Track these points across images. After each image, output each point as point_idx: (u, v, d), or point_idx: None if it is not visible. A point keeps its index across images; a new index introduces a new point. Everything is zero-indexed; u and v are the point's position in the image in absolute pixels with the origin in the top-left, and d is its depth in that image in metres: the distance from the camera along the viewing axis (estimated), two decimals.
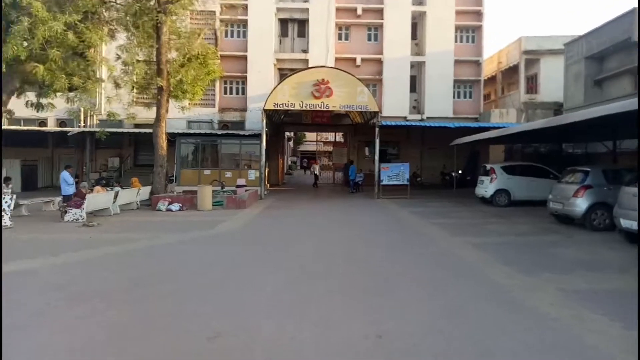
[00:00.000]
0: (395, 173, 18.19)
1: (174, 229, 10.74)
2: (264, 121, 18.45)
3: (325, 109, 18.55)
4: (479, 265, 6.85)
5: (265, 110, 18.26)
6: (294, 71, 20.49)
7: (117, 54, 14.99)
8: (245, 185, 17.72)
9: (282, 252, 8.03)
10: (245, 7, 24.99)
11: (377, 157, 18.76)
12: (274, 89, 18.00)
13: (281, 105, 17.89)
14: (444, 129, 21.72)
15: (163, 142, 16.04)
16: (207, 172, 21.58)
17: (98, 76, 14.61)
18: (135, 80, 14.77)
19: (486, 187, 15.49)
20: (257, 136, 19.28)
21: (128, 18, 13.83)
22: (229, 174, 21.40)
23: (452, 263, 7.12)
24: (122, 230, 10.64)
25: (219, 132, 22.34)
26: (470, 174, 24.84)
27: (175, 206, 14.63)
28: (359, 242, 9.03)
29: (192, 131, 23.46)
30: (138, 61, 14.97)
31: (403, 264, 7.09)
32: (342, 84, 17.83)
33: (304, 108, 18.36)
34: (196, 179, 21.22)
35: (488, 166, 16.00)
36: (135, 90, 15.43)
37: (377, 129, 18.60)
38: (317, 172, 28.83)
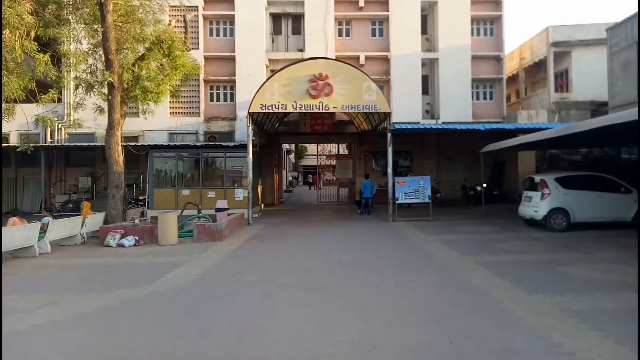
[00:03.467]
0: (413, 189, 14.46)
1: (98, 283, 7.17)
2: (250, 128, 14.92)
3: (324, 111, 14.94)
4: None
5: (250, 114, 14.77)
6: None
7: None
8: (227, 209, 14.16)
9: (230, 348, 4.41)
10: (232, 1, 21.82)
11: (390, 170, 15.09)
12: (261, 87, 14.46)
13: (270, 107, 14.36)
14: (463, 135, 18.21)
15: (119, 155, 12.63)
16: (185, 192, 18.05)
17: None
18: (77, 76, 11.31)
19: (536, 205, 11.82)
20: (245, 147, 15.79)
21: None
22: (211, 194, 17.88)
23: None
24: (19, 287, 7.07)
25: (199, 144, 18.84)
26: (496, 187, 21.25)
27: (128, 240, 11.09)
28: (377, 319, 5.24)
29: (171, 144, 20.06)
30: (81, 51, 11.57)
31: None
32: (344, 79, 14.28)
33: (297, 110, 14.79)
34: (173, 200, 17.74)
35: (537, 178, 12.32)
36: (79, 90, 11.94)
37: (389, 135, 15.02)
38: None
